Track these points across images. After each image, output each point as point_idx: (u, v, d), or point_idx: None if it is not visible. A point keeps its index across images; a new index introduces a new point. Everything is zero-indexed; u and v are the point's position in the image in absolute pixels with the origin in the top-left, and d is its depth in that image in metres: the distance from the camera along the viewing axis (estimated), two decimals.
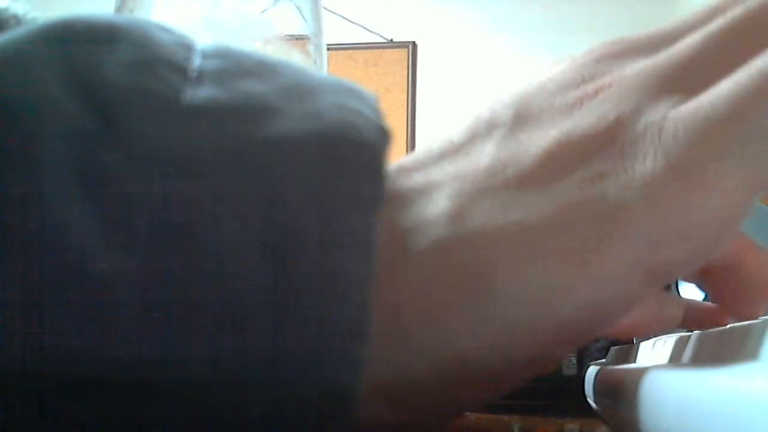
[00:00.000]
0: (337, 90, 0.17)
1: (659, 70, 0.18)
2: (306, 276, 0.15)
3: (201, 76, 0.16)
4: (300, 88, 0.17)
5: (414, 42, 2.92)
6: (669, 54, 0.19)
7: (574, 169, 0.17)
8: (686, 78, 0.18)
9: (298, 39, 0.37)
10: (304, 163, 0.15)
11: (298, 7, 0.36)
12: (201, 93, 0.15)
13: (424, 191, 0.18)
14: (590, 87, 0.19)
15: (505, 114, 0.19)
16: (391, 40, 2.92)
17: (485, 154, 0.18)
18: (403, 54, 2.91)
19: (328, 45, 0.39)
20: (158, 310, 0.14)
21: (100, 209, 0.14)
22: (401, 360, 0.17)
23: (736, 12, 0.19)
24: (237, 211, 0.15)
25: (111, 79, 0.15)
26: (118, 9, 0.35)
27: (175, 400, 0.14)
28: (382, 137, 0.16)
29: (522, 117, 0.19)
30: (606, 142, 0.17)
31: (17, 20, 0.27)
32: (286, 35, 0.37)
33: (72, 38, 0.15)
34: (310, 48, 0.37)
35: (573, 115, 0.18)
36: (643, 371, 0.18)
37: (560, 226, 0.17)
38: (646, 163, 0.17)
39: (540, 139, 0.18)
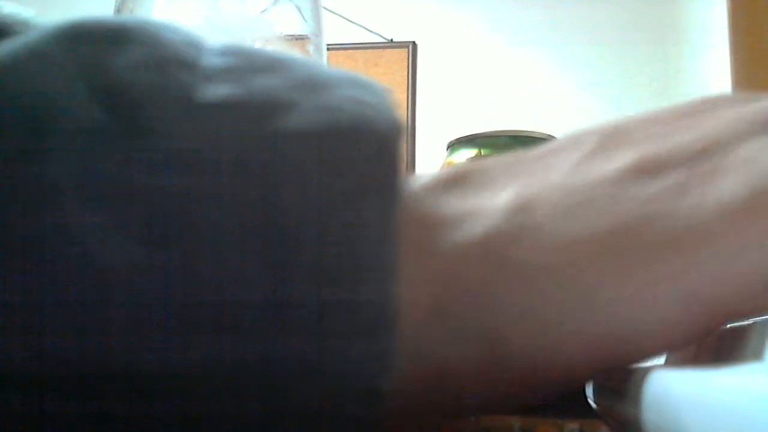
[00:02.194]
0: (349, 83, 0.17)
1: (765, 109, 0.18)
2: (329, 279, 0.15)
3: (213, 74, 0.16)
4: (312, 82, 0.17)
5: (414, 42, 2.92)
6: None
7: (649, 182, 0.17)
8: None
9: (298, 39, 0.37)
10: (320, 158, 0.15)
11: (298, 7, 0.36)
12: (214, 90, 0.15)
13: (489, 185, 0.18)
14: (684, 122, 0.18)
15: (593, 134, 0.19)
16: (391, 40, 2.92)
17: (562, 166, 0.18)
18: (403, 54, 2.91)
19: (328, 45, 0.39)
20: (170, 316, 0.14)
21: (118, 211, 0.14)
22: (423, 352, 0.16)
23: None
24: (255, 211, 0.15)
25: (126, 80, 0.15)
26: (118, 9, 0.35)
27: (179, 404, 0.14)
28: (395, 129, 0.16)
29: (608, 139, 0.18)
30: (690, 163, 0.17)
31: (26, 26, 0.27)
32: (286, 35, 0.37)
33: (86, 40, 0.15)
34: (310, 48, 0.37)
35: (663, 138, 0.18)
36: (644, 371, 0.18)
37: (617, 237, 0.16)
38: (727, 189, 0.16)
39: (623, 156, 0.17)
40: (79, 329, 0.14)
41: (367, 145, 0.16)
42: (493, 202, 0.17)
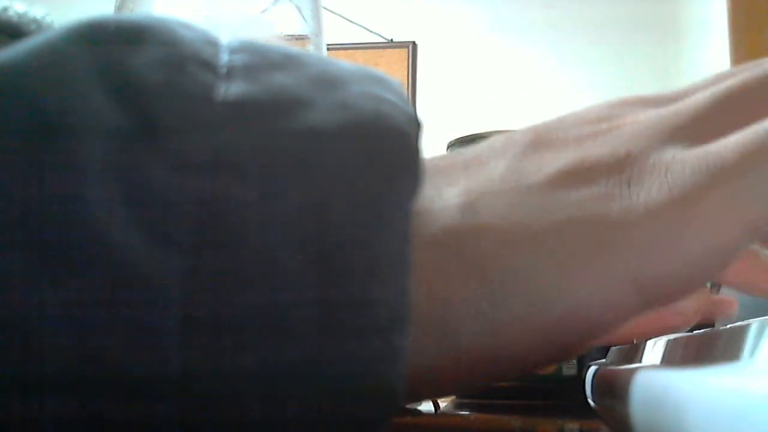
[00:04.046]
0: (364, 78, 0.17)
1: (670, 118, 0.20)
2: (349, 276, 0.15)
3: (230, 72, 0.16)
4: (328, 78, 0.17)
5: (414, 42, 2.92)
6: (679, 106, 0.20)
7: (581, 187, 0.18)
8: (694, 129, 0.19)
9: (298, 39, 0.37)
10: (341, 155, 0.15)
11: (298, 7, 0.37)
12: (233, 89, 0.15)
13: (434, 189, 0.18)
14: (605, 125, 0.20)
15: (522, 138, 0.20)
16: (391, 40, 2.92)
17: (499, 167, 0.19)
18: (403, 54, 2.91)
19: (328, 45, 0.39)
20: (203, 316, 0.14)
21: (141, 211, 0.14)
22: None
23: (743, 76, 0.20)
24: (279, 210, 0.15)
25: (145, 79, 0.15)
26: (119, 8, 0.35)
27: (216, 411, 0.14)
28: (413, 125, 0.17)
29: (538, 142, 0.19)
30: (615, 171, 0.18)
31: (38, 24, 0.27)
32: (286, 35, 0.37)
33: (103, 39, 0.15)
34: (310, 48, 0.37)
35: (586, 144, 0.19)
36: (641, 371, 0.18)
37: (560, 233, 0.18)
38: (651, 193, 0.18)
39: (553, 160, 0.19)
40: (122, 334, 0.14)
41: (387, 142, 0.16)
42: (442, 203, 0.18)
